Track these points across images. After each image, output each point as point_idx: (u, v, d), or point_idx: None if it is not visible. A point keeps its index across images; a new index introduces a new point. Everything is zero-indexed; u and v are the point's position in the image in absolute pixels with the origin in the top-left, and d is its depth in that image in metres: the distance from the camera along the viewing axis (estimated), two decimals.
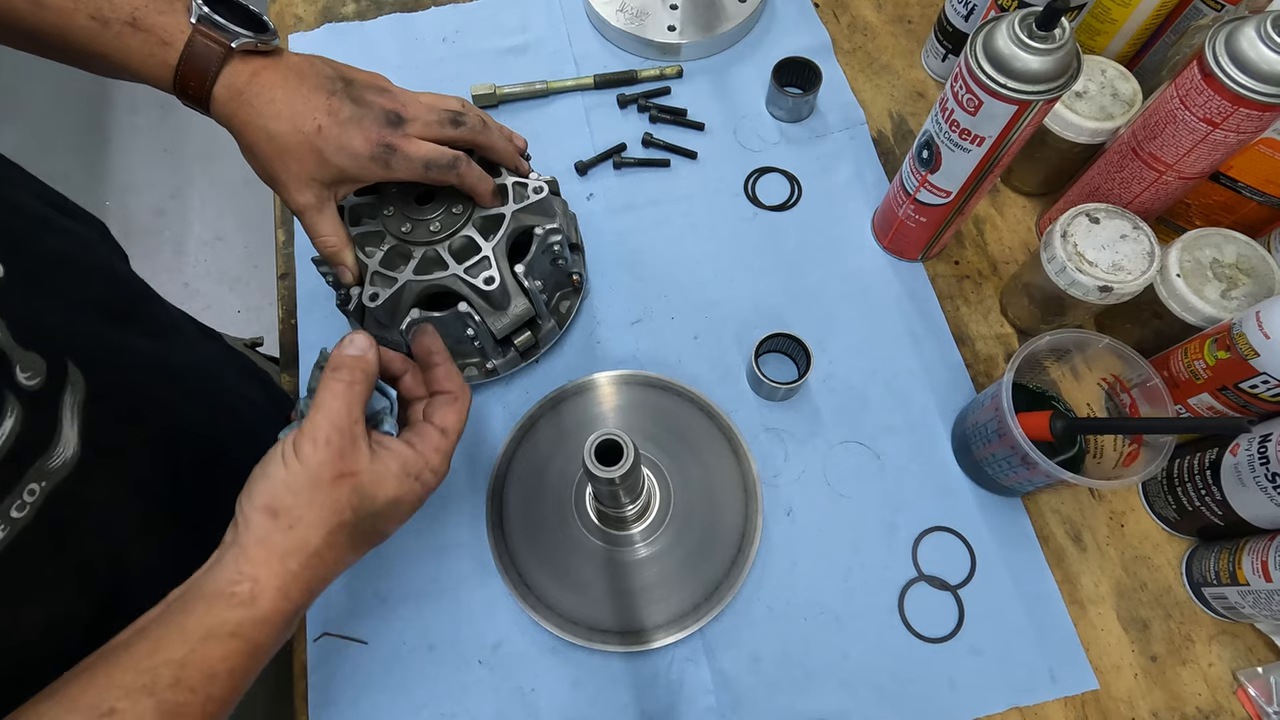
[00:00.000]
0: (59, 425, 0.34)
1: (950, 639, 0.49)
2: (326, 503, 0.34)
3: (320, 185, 0.42)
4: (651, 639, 0.48)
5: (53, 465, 0.34)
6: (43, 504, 0.33)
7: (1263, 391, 0.42)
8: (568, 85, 0.68)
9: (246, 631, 0.31)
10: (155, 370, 0.45)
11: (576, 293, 0.58)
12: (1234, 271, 0.48)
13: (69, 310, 0.39)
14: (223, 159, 1.76)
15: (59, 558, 0.35)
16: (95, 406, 0.36)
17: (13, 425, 0.31)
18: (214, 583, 0.32)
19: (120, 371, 0.41)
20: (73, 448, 0.35)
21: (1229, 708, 0.47)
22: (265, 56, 0.41)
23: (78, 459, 0.35)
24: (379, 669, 0.49)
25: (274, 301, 0.62)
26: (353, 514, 0.35)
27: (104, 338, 0.41)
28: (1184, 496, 0.49)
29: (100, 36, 0.39)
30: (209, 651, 0.30)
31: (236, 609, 0.31)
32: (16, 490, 0.32)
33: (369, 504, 0.35)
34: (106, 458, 0.37)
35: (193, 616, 0.31)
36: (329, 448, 0.34)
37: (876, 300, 0.59)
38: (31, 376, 0.33)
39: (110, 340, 0.42)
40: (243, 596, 0.32)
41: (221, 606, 0.31)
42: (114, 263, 0.50)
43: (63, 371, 0.35)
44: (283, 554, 0.33)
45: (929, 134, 0.49)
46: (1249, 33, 0.40)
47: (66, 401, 0.35)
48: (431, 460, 0.38)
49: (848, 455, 0.54)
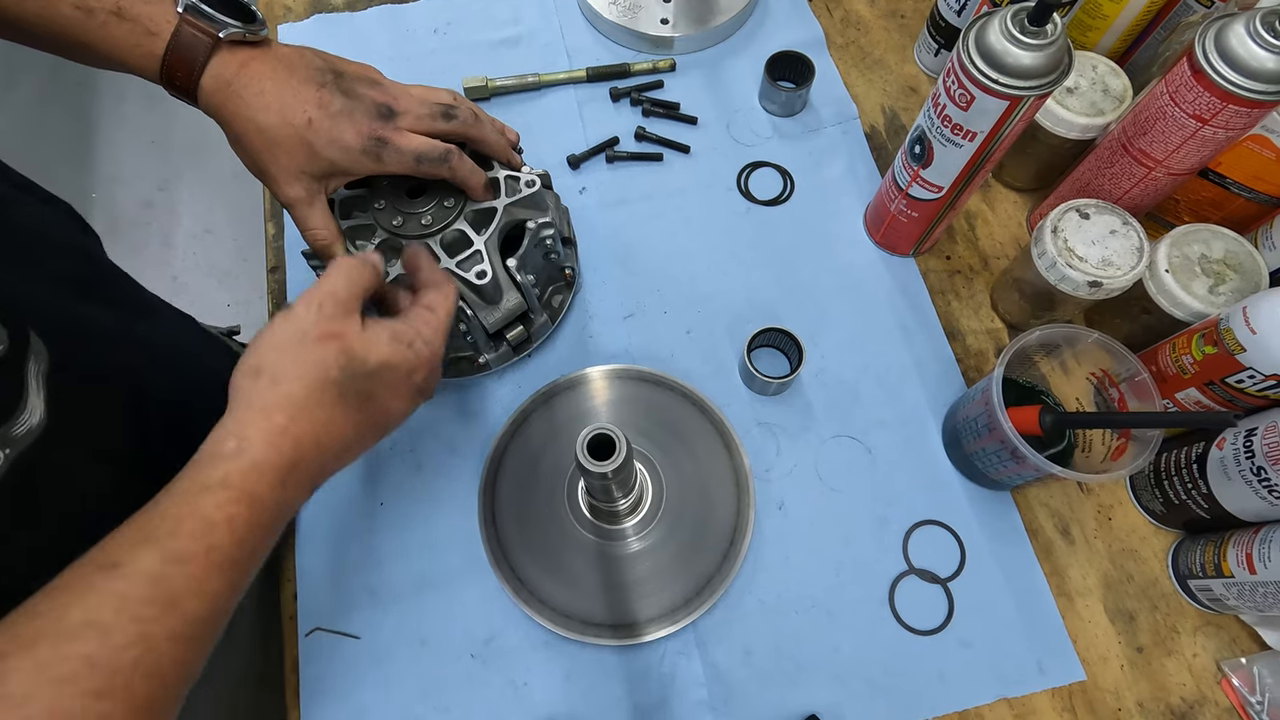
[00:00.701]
0: (25, 392, 0.34)
1: (940, 631, 0.49)
2: (310, 359, 0.33)
3: (310, 178, 0.42)
4: (644, 633, 0.48)
5: (18, 432, 0.33)
6: (8, 470, 0.33)
7: (1249, 386, 0.43)
8: (560, 78, 0.67)
9: (236, 480, 0.31)
10: (121, 341, 0.45)
11: (569, 287, 0.57)
12: (1222, 267, 0.48)
13: (31, 282, 0.39)
14: (212, 150, 1.75)
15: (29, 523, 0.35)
16: (60, 375, 0.36)
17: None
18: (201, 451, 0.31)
19: (83, 341, 0.40)
20: (39, 415, 0.35)
21: (1213, 698, 0.48)
22: (254, 47, 0.41)
23: (44, 426, 0.35)
24: (371, 664, 0.49)
25: (264, 295, 0.62)
26: (339, 372, 0.34)
27: (67, 310, 0.41)
28: (1171, 490, 0.49)
29: (85, 26, 0.38)
30: (202, 501, 0.30)
31: (224, 462, 0.31)
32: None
33: (358, 365, 0.34)
34: (73, 425, 0.37)
35: (183, 480, 0.31)
36: (320, 310, 0.34)
37: (868, 295, 0.60)
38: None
39: (74, 312, 0.41)
40: (229, 451, 0.31)
41: (208, 463, 0.31)
42: (81, 241, 0.49)
43: (25, 340, 0.35)
44: (266, 409, 0.32)
45: (921, 129, 0.49)
46: (1238, 30, 0.41)
47: (31, 369, 0.35)
48: (423, 331, 0.38)
49: (839, 449, 0.54)
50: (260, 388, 0.33)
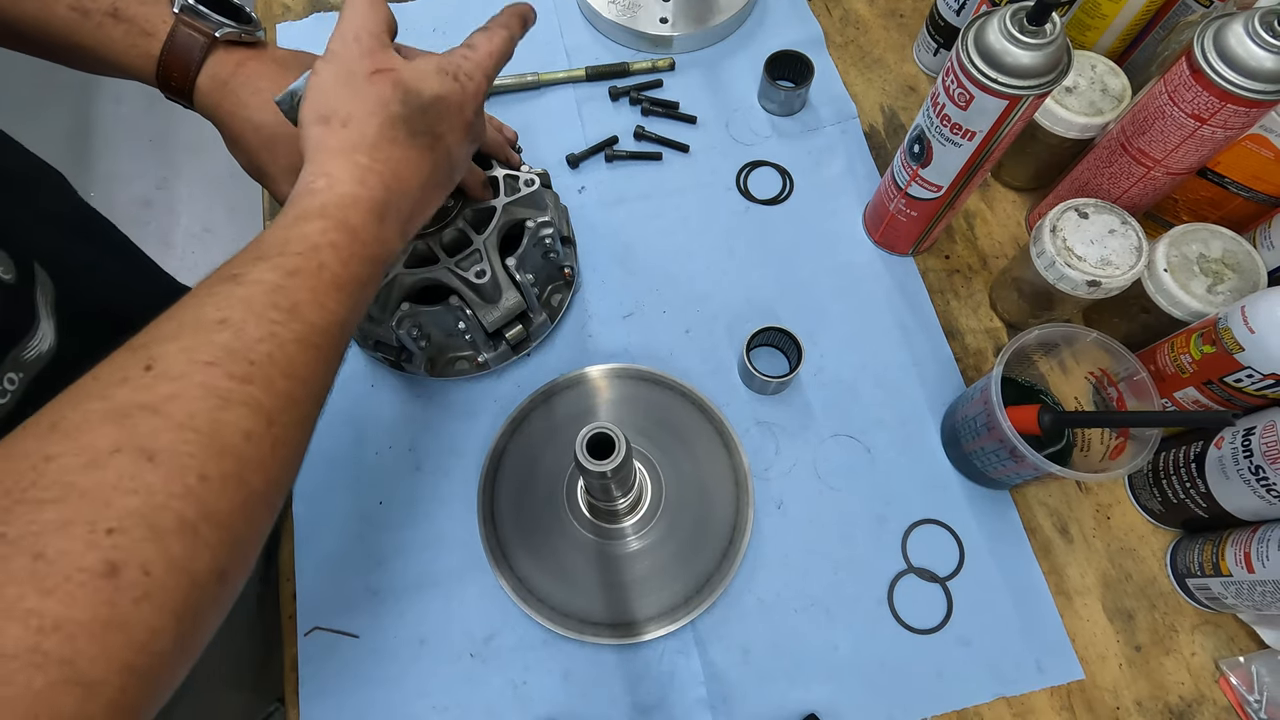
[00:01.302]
0: (36, 317, 0.35)
1: (939, 630, 0.49)
2: (370, 95, 0.33)
3: None
4: (643, 631, 0.48)
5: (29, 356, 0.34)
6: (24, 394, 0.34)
7: (1247, 385, 0.43)
8: (559, 77, 0.67)
9: (333, 211, 0.31)
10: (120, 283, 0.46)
11: (568, 286, 0.57)
12: (1220, 267, 0.48)
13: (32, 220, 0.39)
14: (210, 150, 1.74)
15: None
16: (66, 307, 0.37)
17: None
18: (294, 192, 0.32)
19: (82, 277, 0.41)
20: (50, 340, 0.35)
21: (1211, 696, 0.48)
22: (249, 48, 0.41)
23: (54, 352, 0.35)
24: (370, 663, 0.49)
25: None
26: (401, 107, 0.34)
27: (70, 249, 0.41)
28: (1169, 489, 0.49)
29: (81, 27, 0.38)
30: (306, 228, 0.30)
31: (318, 195, 0.31)
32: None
33: (415, 97, 0.34)
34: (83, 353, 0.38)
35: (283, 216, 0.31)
36: (358, 44, 0.34)
37: (867, 294, 0.60)
38: (5, 272, 0.33)
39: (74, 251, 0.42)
40: (320, 188, 0.31)
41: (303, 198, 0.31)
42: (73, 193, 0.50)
43: (31, 271, 0.36)
44: (345, 150, 0.32)
45: (920, 128, 0.49)
46: (1237, 29, 0.41)
47: (40, 299, 0.36)
48: (463, 65, 0.36)
49: (838, 449, 0.54)
50: (333, 132, 0.32)
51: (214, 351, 0.26)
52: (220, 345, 0.26)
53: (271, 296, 0.28)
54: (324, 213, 0.31)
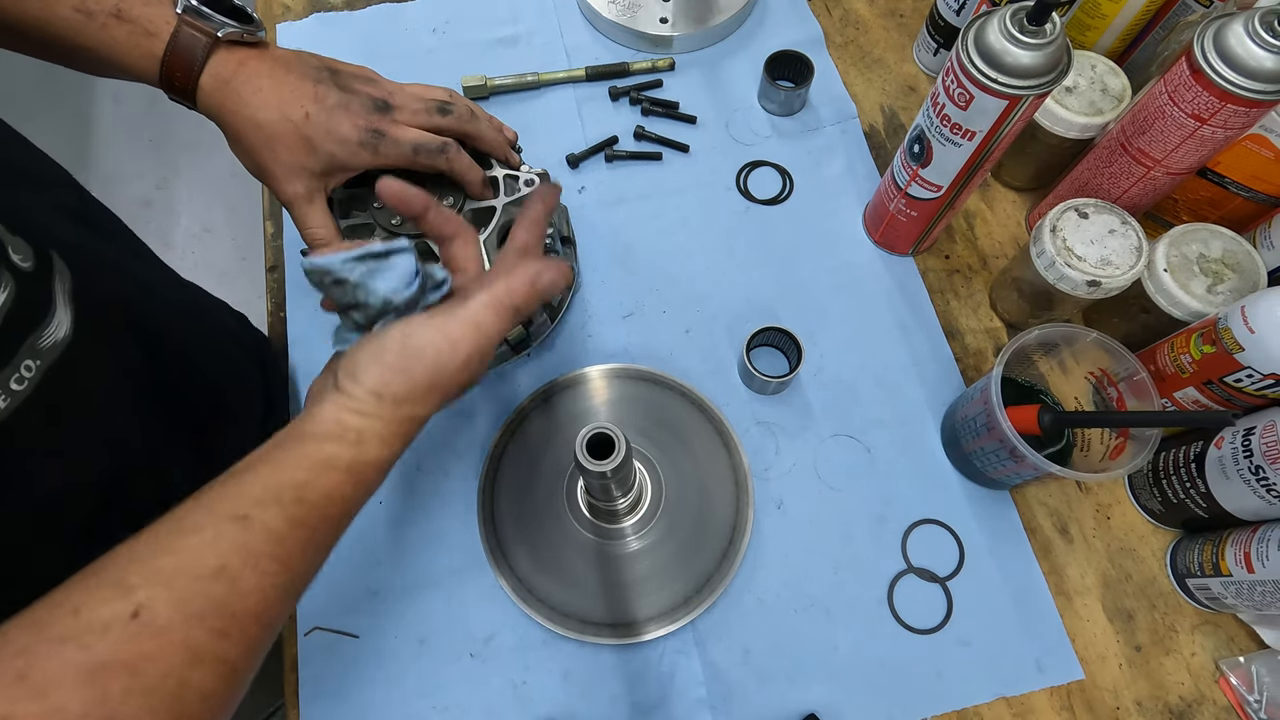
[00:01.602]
0: (53, 304, 0.35)
1: (939, 630, 0.49)
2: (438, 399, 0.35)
3: (310, 175, 0.42)
4: (643, 631, 0.48)
5: (46, 343, 0.35)
6: (41, 380, 0.34)
7: (1247, 385, 0.43)
8: (559, 77, 0.67)
9: (357, 469, 0.33)
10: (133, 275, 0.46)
11: (568, 286, 0.57)
12: (1220, 267, 0.48)
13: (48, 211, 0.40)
14: (210, 149, 1.74)
15: (60, 429, 0.37)
16: (83, 295, 0.38)
17: (5, 298, 0.32)
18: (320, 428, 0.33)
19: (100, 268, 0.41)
20: (65, 328, 0.36)
21: (1211, 696, 0.48)
22: (251, 48, 0.41)
23: (69, 340, 0.36)
24: (370, 663, 0.49)
25: (263, 294, 0.62)
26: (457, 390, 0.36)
27: (84, 241, 0.42)
28: (1169, 489, 0.49)
29: (85, 28, 0.38)
30: (325, 479, 0.32)
31: (347, 448, 0.33)
32: (14, 363, 0.33)
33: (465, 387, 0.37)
34: (98, 341, 0.39)
35: (306, 449, 0.33)
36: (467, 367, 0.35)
37: (867, 294, 0.60)
38: (24, 260, 0.34)
39: (88, 243, 0.43)
40: (351, 440, 0.33)
41: (333, 445, 0.33)
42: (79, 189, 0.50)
43: (49, 259, 0.36)
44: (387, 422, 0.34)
45: (920, 128, 0.49)
46: (1237, 29, 0.41)
47: (58, 287, 0.36)
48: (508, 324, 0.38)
49: (838, 449, 0.54)
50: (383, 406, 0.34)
51: (204, 603, 0.27)
52: (212, 598, 0.27)
53: (273, 547, 0.30)
54: (349, 469, 0.33)
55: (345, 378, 0.34)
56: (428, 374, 0.34)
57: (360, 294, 0.36)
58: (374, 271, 0.36)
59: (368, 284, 0.35)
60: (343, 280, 0.35)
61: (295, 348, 0.58)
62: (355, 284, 0.35)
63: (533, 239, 0.41)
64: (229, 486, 0.31)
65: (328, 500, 0.32)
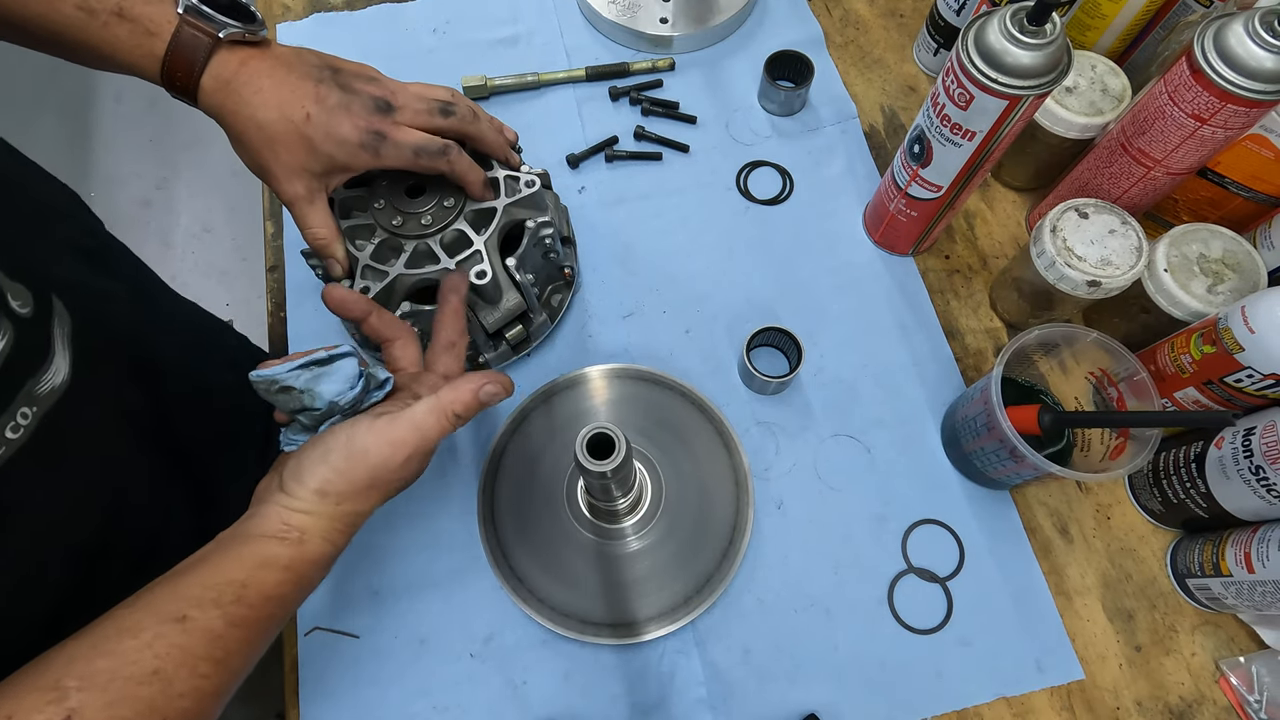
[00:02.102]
0: (51, 350, 0.36)
1: (939, 630, 0.49)
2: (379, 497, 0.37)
3: (311, 175, 0.42)
4: (643, 631, 0.48)
5: (43, 390, 0.35)
6: (37, 427, 0.34)
7: (1247, 385, 0.43)
8: (559, 77, 0.67)
9: (298, 566, 0.34)
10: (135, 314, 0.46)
11: (568, 286, 0.57)
12: (1220, 267, 0.48)
13: (50, 252, 0.40)
14: (210, 149, 1.74)
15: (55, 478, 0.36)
16: (82, 338, 0.38)
17: (3, 346, 0.32)
18: (262, 527, 0.35)
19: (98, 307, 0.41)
20: (63, 374, 0.36)
21: (1211, 696, 0.48)
22: (253, 47, 0.41)
23: (68, 386, 0.36)
24: (370, 663, 0.49)
25: (263, 295, 0.62)
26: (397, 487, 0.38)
27: (85, 279, 0.42)
28: (1169, 489, 0.49)
29: (87, 26, 0.38)
30: (265, 578, 0.33)
31: (289, 547, 0.34)
32: (10, 410, 0.33)
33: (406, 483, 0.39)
34: (97, 385, 0.38)
35: (248, 548, 0.34)
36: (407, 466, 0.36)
37: (867, 294, 0.60)
38: (22, 305, 0.34)
39: (90, 282, 0.43)
40: (293, 540, 0.35)
41: (274, 545, 0.34)
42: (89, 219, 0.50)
43: (48, 304, 0.36)
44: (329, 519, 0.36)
45: (920, 128, 0.49)
46: (1237, 29, 0.41)
47: (57, 331, 0.36)
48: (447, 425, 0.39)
49: (838, 449, 0.54)
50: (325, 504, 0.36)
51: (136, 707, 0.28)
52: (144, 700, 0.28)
53: (210, 648, 0.31)
54: (290, 566, 0.34)
55: (290, 478, 0.36)
56: (369, 474, 0.36)
57: (306, 399, 0.37)
58: (319, 377, 0.37)
59: (314, 389, 0.37)
60: (289, 388, 0.37)
61: (295, 347, 0.58)
62: (301, 391, 0.37)
63: (455, 333, 0.43)
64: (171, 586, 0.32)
65: (266, 600, 0.33)
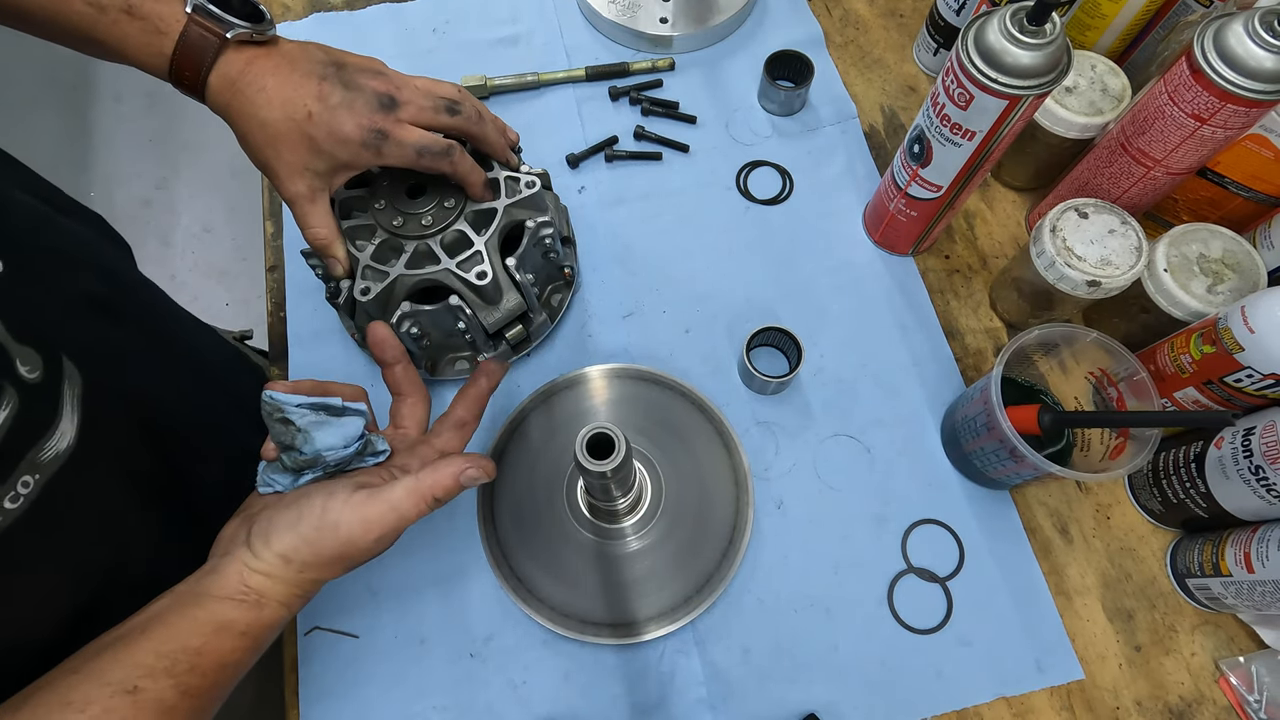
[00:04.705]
0: (58, 416, 0.35)
1: (939, 630, 0.49)
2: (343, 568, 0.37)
3: (313, 175, 0.42)
4: (643, 631, 0.48)
5: (46, 456, 0.34)
6: (38, 495, 0.33)
7: (1247, 385, 0.43)
8: (559, 77, 0.67)
9: (254, 631, 0.34)
10: (147, 362, 0.45)
11: (568, 286, 0.57)
12: (1220, 266, 0.48)
13: (64, 307, 0.39)
14: (210, 149, 1.74)
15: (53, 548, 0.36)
16: (91, 400, 0.37)
17: (7, 415, 0.32)
18: (221, 586, 0.34)
19: (112, 363, 0.41)
20: (69, 439, 0.35)
21: (1211, 696, 0.48)
22: (260, 46, 0.41)
23: (72, 450, 0.35)
24: (370, 663, 0.49)
25: (263, 294, 0.62)
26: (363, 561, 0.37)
27: (98, 334, 0.41)
28: (1169, 489, 0.49)
29: (97, 23, 0.39)
30: (221, 644, 0.33)
31: (246, 611, 0.34)
32: (10, 481, 0.32)
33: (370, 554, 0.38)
34: (103, 447, 0.38)
35: (205, 610, 0.33)
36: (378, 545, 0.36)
37: (867, 294, 0.60)
38: (31, 370, 0.34)
39: (105, 337, 0.42)
40: (251, 603, 0.34)
41: (230, 608, 0.34)
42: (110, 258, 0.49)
43: (59, 366, 0.35)
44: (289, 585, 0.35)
45: (920, 128, 0.49)
46: (1237, 29, 0.41)
47: (66, 394, 0.36)
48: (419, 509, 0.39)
49: (838, 448, 0.54)
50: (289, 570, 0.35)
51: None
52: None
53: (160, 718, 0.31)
54: (246, 632, 0.34)
55: (257, 538, 0.35)
56: (338, 548, 0.35)
57: (299, 439, 0.37)
58: (323, 424, 0.37)
59: (312, 434, 0.37)
60: (289, 421, 0.36)
61: (295, 348, 0.58)
62: (299, 429, 0.36)
63: (470, 416, 0.43)
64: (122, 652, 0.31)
65: (221, 667, 0.33)
